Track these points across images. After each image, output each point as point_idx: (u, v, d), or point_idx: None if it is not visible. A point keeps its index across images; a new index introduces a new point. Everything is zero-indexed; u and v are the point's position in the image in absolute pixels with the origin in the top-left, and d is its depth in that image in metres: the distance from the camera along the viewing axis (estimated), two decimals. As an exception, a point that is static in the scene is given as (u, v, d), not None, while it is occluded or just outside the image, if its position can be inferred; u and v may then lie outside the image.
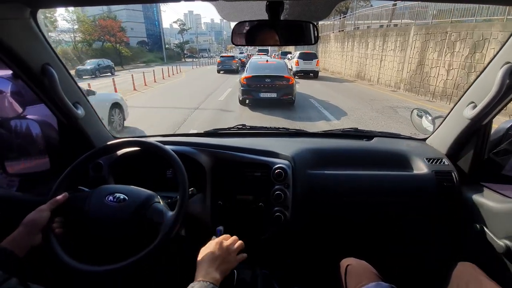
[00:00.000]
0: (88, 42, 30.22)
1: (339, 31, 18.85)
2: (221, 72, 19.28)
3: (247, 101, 7.56)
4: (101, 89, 9.87)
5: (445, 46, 8.56)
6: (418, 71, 9.92)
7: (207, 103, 8.51)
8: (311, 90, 10.58)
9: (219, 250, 0.72)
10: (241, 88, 7.23)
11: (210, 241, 0.77)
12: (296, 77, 11.31)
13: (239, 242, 0.78)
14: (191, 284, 0.62)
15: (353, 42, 15.72)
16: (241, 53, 42.54)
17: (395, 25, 12.29)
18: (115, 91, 9.04)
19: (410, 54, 10.38)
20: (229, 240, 0.77)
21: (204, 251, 0.73)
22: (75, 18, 28.67)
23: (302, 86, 10.82)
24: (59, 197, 0.77)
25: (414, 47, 10.12)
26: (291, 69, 11.02)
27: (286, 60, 15.80)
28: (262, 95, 7.12)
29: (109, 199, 0.81)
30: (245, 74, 7.36)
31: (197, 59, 47.56)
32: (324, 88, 11.46)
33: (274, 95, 7.11)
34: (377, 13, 14.25)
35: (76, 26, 29.06)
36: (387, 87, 11.95)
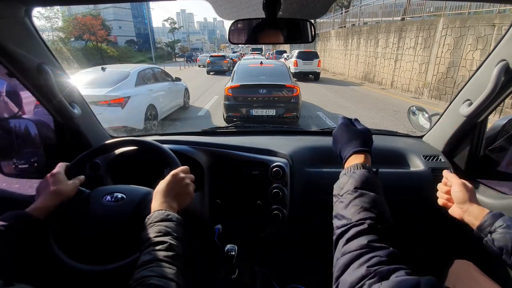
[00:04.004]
0: (64, 41, 27.71)
1: (341, 27, 16.92)
2: (211, 73, 17.84)
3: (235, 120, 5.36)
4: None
5: (491, 42, 6.62)
6: (449, 74, 7.96)
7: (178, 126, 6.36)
8: (315, 98, 8.56)
9: (174, 181, 0.73)
10: (226, 102, 5.05)
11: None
12: (294, 79, 9.15)
13: (191, 175, 0.79)
14: (148, 216, 0.64)
15: (359, 39, 13.77)
16: (234, 52, 41.07)
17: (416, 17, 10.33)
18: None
19: (437, 53, 8.43)
20: (183, 173, 0.77)
21: (160, 184, 0.73)
22: (48, 16, 26.18)
23: (304, 91, 8.65)
24: (81, 176, 0.83)
25: (444, 44, 8.16)
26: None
27: (282, 60, 14.08)
28: (255, 112, 4.99)
29: (106, 199, 0.81)
30: (230, 83, 5.17)
31: (194, 58, 45.60)
32: (331, 95, 9.44)
33: (272, 112, 4.99)
34: (388, 5, 12.32)
35: (49, 24, 26.60)
36: (404, 92, 10.00)
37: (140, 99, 5.00)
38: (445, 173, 0.84)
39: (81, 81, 4.85)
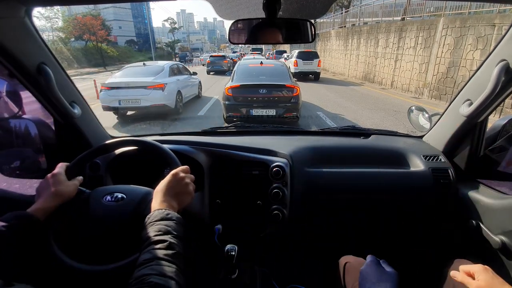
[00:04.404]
0: (64, 41, 27.71)
1: (341, 27, 16.92)
2: (211, 73, 17.77)
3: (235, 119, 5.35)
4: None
5: (492, 42, 6.62)
6: (449, 74, 7.96)
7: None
8: (315, 98, 8.55)
9: (174, 181, 0.73)
10: (226, 102, 5.05)
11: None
12: (294, 79, 9.06)
13: (191, 175, 0.79)
14: (148, 215, 0.64)
15: (359, 39, 13.77)
16: (234, 52, 41.04)
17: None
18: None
19: (437, 53, 8.42)
20: (183, 172, 0.77)
21: (160, 184, 0.73)
22: (48, 16, 26.19)
23: (304, 91, 8.62)
24: (80, 177, 0.83)
25: (444, 44, 8.16)
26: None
27: (282, 60, 14.06)
28: (255, 112, 4.98)
29: (107, 199, 0.80)
30: (230, 83, 5.17)
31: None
32: (331, 95, 9.44)
33: (272, 112, 4.99)
34: (388, 5, 12.32)
35: (49, 24, 26.60)
36: (405, 92, 10.00)
37: (172, 86, 6.55)
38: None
39: (131, 72, 6.77)
